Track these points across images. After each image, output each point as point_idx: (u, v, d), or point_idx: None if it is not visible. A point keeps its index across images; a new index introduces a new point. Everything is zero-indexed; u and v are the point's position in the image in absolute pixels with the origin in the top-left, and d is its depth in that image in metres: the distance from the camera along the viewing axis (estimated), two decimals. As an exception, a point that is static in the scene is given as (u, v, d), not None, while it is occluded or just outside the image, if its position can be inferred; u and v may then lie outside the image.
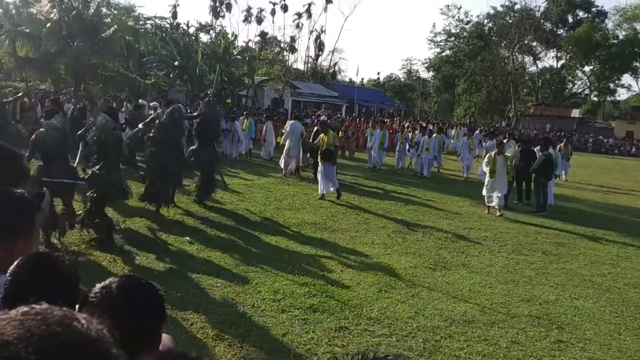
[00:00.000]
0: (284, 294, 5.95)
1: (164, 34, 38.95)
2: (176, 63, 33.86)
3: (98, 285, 1.39)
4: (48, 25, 21.22)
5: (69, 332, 0.54)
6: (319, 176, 12.26)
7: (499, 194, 11.85)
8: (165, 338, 1.54)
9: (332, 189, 11.99)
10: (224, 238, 8.22)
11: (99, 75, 23.50)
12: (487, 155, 13.18)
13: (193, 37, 41.81)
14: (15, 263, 1.47)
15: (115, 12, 32.34)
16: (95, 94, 20.74)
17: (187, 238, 7.92)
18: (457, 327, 5.47)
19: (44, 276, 1.42)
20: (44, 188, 5.47)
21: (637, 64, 70.72)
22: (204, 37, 59.57)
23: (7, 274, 1.46)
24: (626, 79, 73.99)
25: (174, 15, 72.02)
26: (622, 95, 78.21)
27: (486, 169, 12.22)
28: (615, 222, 12.44)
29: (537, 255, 8.74)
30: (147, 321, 1.34)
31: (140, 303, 1.37)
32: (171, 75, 34.90)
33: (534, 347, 5.17)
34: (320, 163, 12.18)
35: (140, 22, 39.81)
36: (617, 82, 73.55)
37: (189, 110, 17.33)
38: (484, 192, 12.20)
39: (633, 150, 47.16)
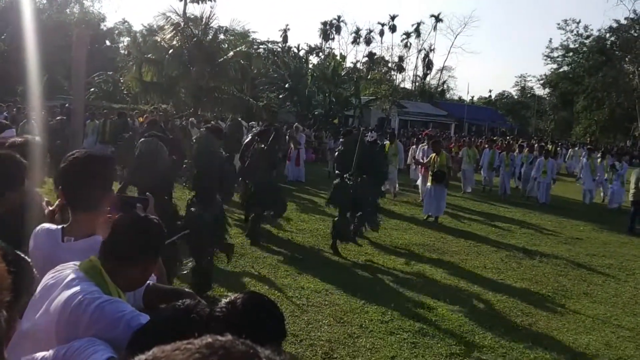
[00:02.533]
0: (392, 316, 5.86)
1: (275, 58, 40.56)
2: (286, 85, 35.00)
3: (224, 301, 1.43)
4: (170, 51, 22.82)
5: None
6: (425, 197, 11.87)
7: None
8: None
9: (438, 213, 11.45)
10: (331, 257, 8.27)
11: (215, 98, 24.84)
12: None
13: (303, 60, 43.11)
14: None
15: (232, 37, 34.08)
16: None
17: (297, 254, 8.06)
18: (580, 361, 5.09)
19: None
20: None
21: None
22: (313, 60, 61.19)
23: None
24: None
25: (285, 39, 74.84)
26: None
27: None
28: None
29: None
30: (269, 337, 1.35)
31: (264, 319, 1.38)
32: (281, 97, 36.08)
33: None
34: (431, 184, 11.53)
35: (254, 47, 41.72)
36: None
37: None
38: None
39: None
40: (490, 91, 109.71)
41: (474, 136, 35.82)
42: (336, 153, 9.77)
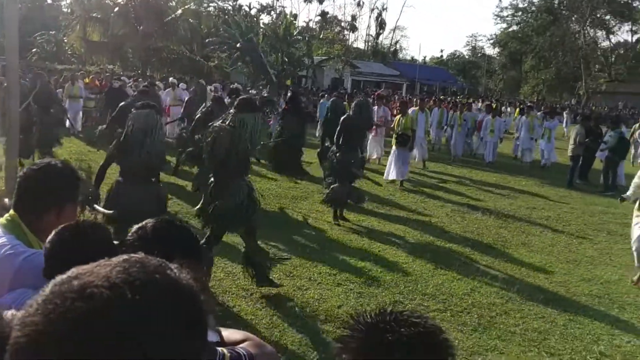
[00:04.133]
0: (340, 268, 6.09)
1: (226, 16, 39.62)
2: (238, 45, 34.39)
3: (135, 227, 1.48)
4: (116, 9, 22.06)
5: (166, 278, 0.64)
6: (389, 160, 11.45)
7: None
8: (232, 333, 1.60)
9: (400, 178, 11.07)
10: (281, 216, 8.43)
11: (164, 59, 24.28)
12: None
13: (254, 19, 42.33)
14: (54, 232, 1.58)
15: (180, -5, 33.17)
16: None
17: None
18: (514, 305, 5.46)
19: (78, 243, 1.50)
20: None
21: None
22: (265, 19, 60.08)
23: (46, 242, 1.58)
24: None
25: (236, -3, 72.88)
26: None
27: None
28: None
29: (602, 236, 8.51)
30: (179, 256, 1.37)
31: (174, 244, 1.39)
32: (233, 57, 35.47)
33: (592, 325, 5.09)
34: (394, 147, 11.17)
35: (204, 5, 40.59)
36: (700, 55, 68.96)
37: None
38: None
39: None
40: (442, 51, 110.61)
41: (426, 96, 36.17)
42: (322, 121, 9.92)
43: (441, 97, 25.78)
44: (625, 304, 5.71)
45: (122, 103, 8.34)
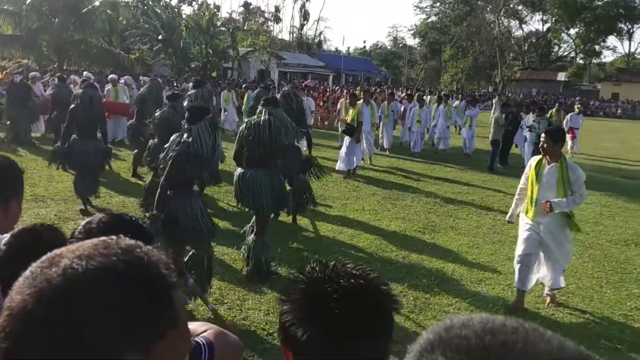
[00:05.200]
0: (280, 259, 6.15)
1: (145, 7, 38.40)
2: (159, 37, 33.51)
3: (82, 222, 1.48)
4: (28, 1, 20.92)
5: (136, 254, 0.70)
6: (341, 152, 11.65)
7: None
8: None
9: (350, 167, 11.35)
10: (221, 205, 8.37)
11: (82, 52, 23.29)
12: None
13: (175, 10, 41.28)
14: (11, 233, 1.56)
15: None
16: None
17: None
18: (447, 285, 5.72)
19: (36, 246, 1.50)
20: None
21: (622, 25, 70.80)
22: (186, 9, 58.70)
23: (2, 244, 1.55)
24: (611, 40, 74.33)
25: (156, -13, 70.71)
26: (607, 57, 78.63)
27: None
28: (599, 182, 12.71)
29: (523, 216, 8.99)
30: None
31: (119, 232, 1.41)
32: (155, 49, 34.55)
33: (519, 301, 5.42)
34: (346, 138, 11.47)
35: (122, -4, 39.17)
36: (602, 44, 73.67)
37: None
38: None
39: (618, 112, 47.56)
40: (364, 42, 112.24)
41: (352, 87, 36.65)
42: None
43: (367, 88, 26.10)
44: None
45: (72, 107, 7.63)
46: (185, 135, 4.64)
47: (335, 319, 1.05)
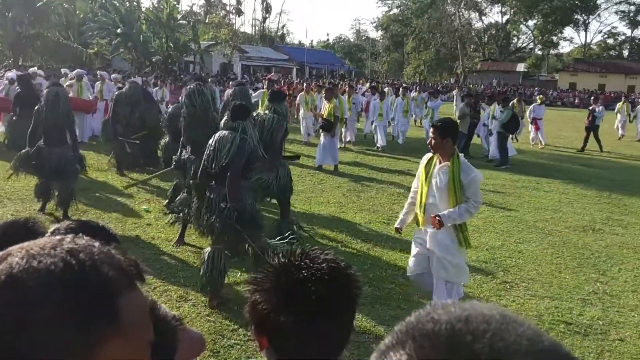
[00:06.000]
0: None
1: (103, 1, 37.54)
2: (118, 30, 32.79)
3: (52, 227, 1.45)
4: (-21, -5, 20.23)
5: (82, 257, 0.66)
6: (318, 148, 11.68)
7: None
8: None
9: (334, 162, 11.46)
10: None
11: (38, 47, 22.65)
12: None
13: (135, 3, 40.44)
14: None
15: (50, -22, 30.86)
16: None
17: (144, 207, 7.94)
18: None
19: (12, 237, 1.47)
20: None
21: (578, 17, 72.63)
22: (146, 2, 57.67)
23: None
24: (568, 31, 76.28)
25: (113, -20, 69.20)
26: (564, 48, 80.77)
27: None
28: (558, 170, 13.07)
29: (484, 205, 9.11)
30: None
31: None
32: (113, 43, 33.80)
33: (481, 288, 5.53)
34: (322, 134, 11.56)
35: (78, -11, 38.20)
36: (559, 35, 75.50)
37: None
38: None
39: (576, 101, 48.79)
40: (328, 35, 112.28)
41: (314, 80, 36.63)
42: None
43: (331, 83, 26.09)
44: (509, 267, 6.24)
45: (36, 108, 7.05)
46: (238, 131, 4.95)
47: (313, 302, 1.12)
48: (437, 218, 4.25)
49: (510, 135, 13.90)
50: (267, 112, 6.87)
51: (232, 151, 4.81)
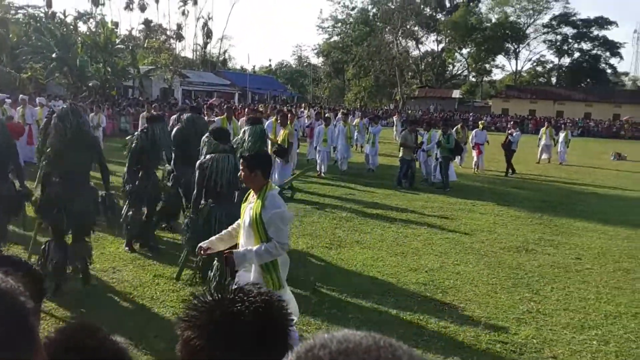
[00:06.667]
0: (183, 284, 5.99)
1: (38, 24, 36.44)
2: (54, 55, 31.85)
3: None
4: None
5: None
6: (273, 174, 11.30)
7: None
8: None
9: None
10: (113, 235, 8.04)
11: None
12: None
13: (71, 27, 39.43)
14: None
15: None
16: None
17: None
18: (353, 299, 5.82)
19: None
20: None
21: (509, 45, 76.22)
22: (83, 27, 56.37)
23: None
24: (500, 59, 79.76)
25: (49, 3, 67.42)
26: (497, 75, 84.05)
27: None
28: (492, 192, 13.55)
29: (424, 228, 9.36)
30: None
31: None
32: (49, 67, 32.77)
33: (421, 310, 5.62)
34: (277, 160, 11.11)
35: (11, 12, 37.07)
36: (492, 63, 78.91)
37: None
38: None
39: (509, 126, 50.81)
40: (270, 60, 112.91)
41: (257, 104, 36.68)
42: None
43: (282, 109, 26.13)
44: (447, 288, 6.38)
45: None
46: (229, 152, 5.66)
47: (248, 335, 1.11)
48: (229, 255, 3.92)
49: (456, 160, 14.41)
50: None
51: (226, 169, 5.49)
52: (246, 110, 18.83)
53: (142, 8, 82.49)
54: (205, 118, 11.02)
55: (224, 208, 5.60)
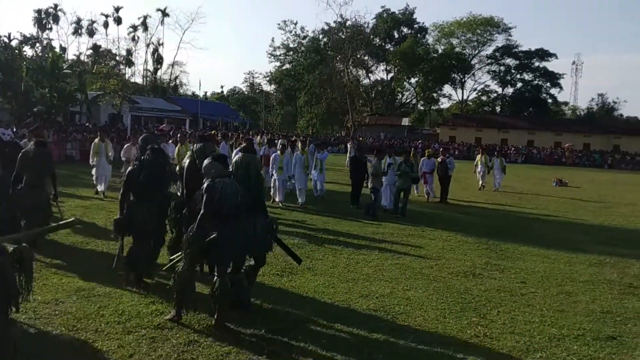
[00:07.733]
0: (129, 315, 5.82)
1: (-20, 47, 35.36)
2: (-3, 79, 30.93)
3: None
4: None
5: None
6: None
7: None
8: None
9: None
10: (54, 266, 7.77)
11: None
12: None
13: (16, 51, 38.36)
14: None
15: None
16: None
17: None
18: (304, 327, 5.78)
19: None
20: None
21: (455, 76, 78.78)
22: (29, 51, 54.99)
23: None
24: (447, 89, 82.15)
25: (-8, 26, 65.63)
26: (444, 104, 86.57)
27: None
28: (441, 219, 13.82)
29: (375, 254, 9.45)
30: None
31: None
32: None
33: (371, 337, 5.64)
34: None
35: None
36: (439, 92, 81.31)
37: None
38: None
39: (456, 153, 52.13)
40: (222, 87, 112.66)
41: (208, 130, 36.41)
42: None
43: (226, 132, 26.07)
44: (397, 313, 6.43)
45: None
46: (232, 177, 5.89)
47: None
48: None
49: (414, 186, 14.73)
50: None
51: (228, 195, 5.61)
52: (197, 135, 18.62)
53: (91, 33, 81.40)
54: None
55: (230, 229, 5.68)
